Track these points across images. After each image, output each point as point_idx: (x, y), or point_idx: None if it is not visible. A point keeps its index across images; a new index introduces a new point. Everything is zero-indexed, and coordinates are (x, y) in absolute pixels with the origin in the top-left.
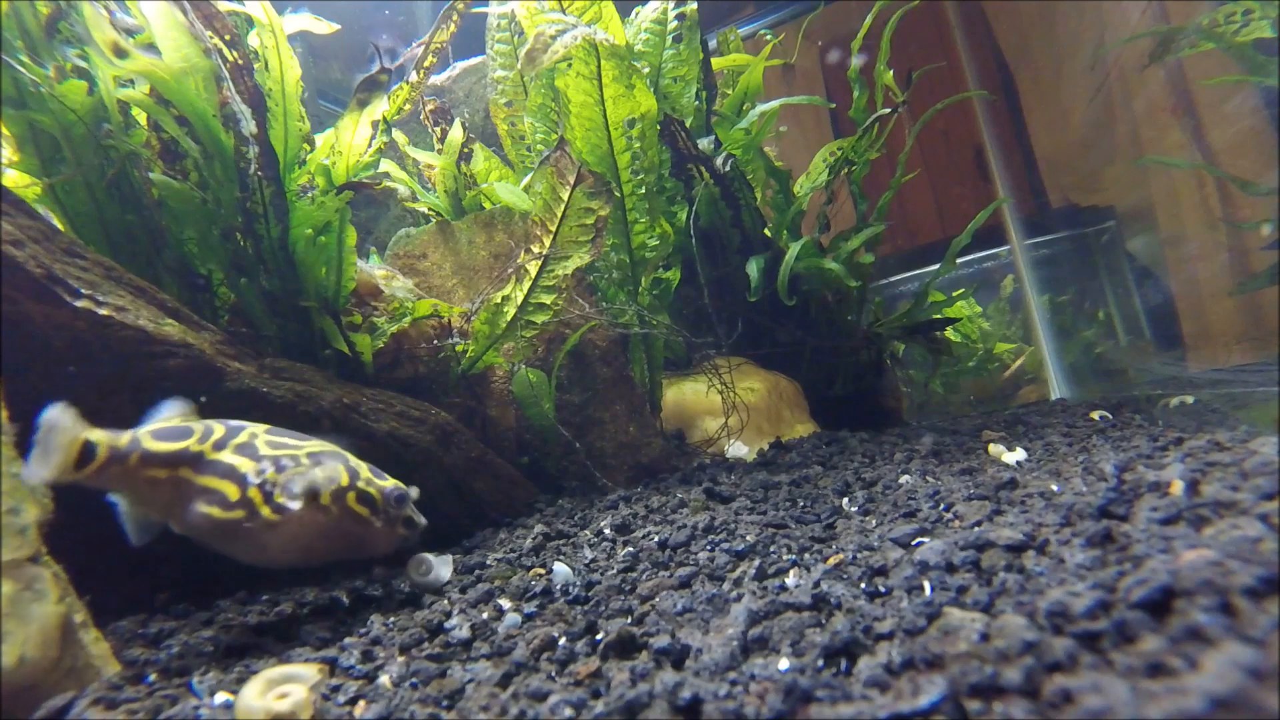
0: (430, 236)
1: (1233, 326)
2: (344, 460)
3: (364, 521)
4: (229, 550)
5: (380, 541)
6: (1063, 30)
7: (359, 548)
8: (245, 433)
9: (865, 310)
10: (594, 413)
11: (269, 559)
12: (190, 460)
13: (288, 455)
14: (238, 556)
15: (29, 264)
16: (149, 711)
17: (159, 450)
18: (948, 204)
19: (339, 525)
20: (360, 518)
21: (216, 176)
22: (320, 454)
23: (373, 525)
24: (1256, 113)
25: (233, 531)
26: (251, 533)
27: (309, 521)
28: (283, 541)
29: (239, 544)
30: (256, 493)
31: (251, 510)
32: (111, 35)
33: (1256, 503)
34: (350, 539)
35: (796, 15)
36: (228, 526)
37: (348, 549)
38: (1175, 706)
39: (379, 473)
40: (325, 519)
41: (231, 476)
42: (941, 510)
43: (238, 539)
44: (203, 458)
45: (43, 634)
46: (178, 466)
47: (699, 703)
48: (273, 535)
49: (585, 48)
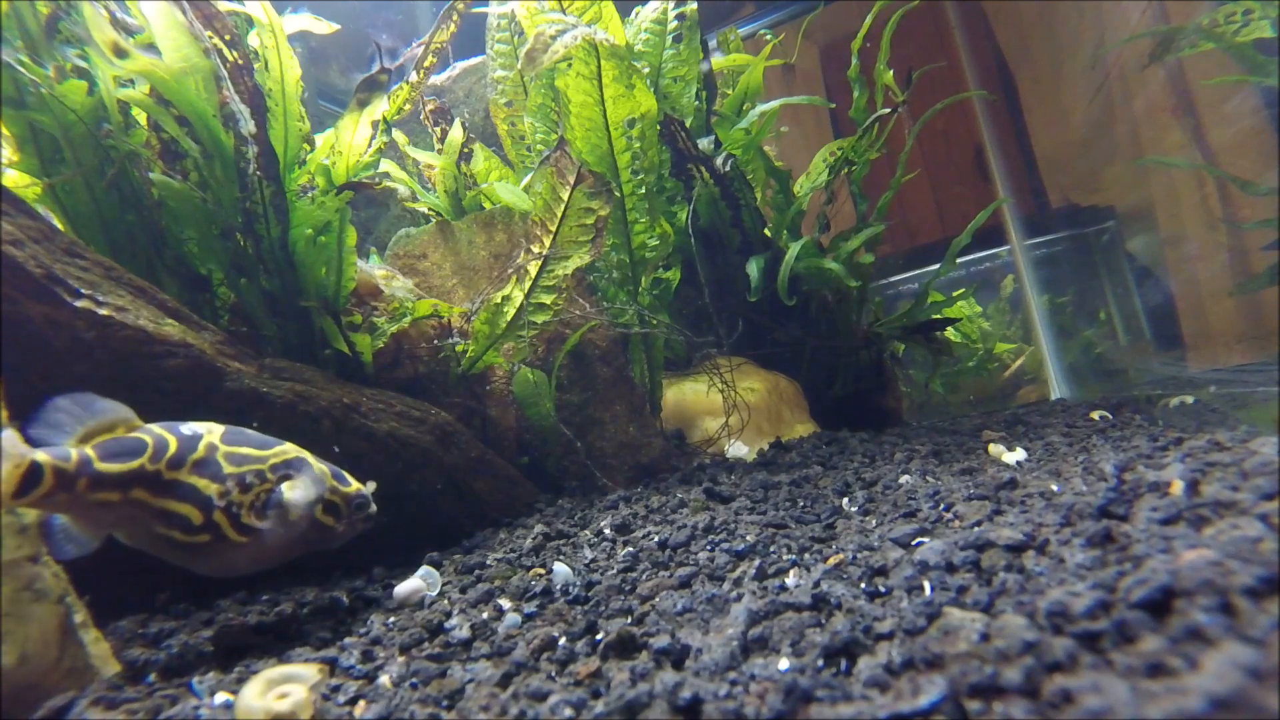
0: (430, 236)
1: (1233, 326)
2: (309, 469)
3: (328, 529)
4: (186, 564)
5: (339, 539)
6: (1063, 30)
7: (317, 546)
8: (202, 444)
9: (865, 310)
10: (594, 413)
11: (228, 571)
12: (146, 481)
13: (251, 471)
14: (194, 569)
15: (29, 264)
16: (149, 711)
17: (111, 472)
18: (948, 204)
19: (304, 535)
20: (325, 526)
21: (216, 176)
22: (284, 464)
23: (335, 530)
24: (1256, 113)
25: (194, 551)
26: (215, 551)
27: (275, 536)
28: (247, 556)
29: (199, 560)
30: (222, 516)
31: (217, 534)
32: (111, 35)
33: (1256, 503)
34: (311, 543)
35: (796, 15)
36: (190, 548)
37: (306, 549)
38: (1175, 706)
39: (340, 475)
40: (292, 533)
41: (194, 500)
42: (941, 510)
43: (198, 557)
44: (160, 478)
45: (43, 634)
46: (131, 488)
47: (699, 703)
48: (237, 553)
49: (585, 48)
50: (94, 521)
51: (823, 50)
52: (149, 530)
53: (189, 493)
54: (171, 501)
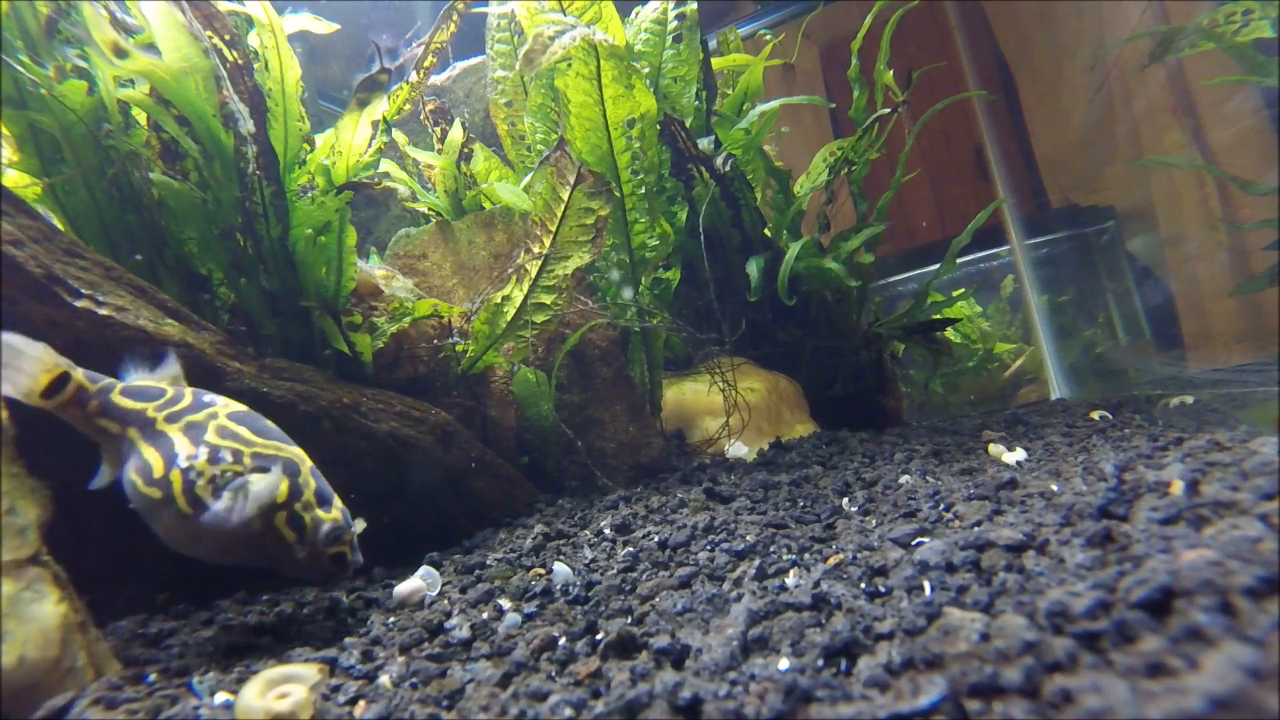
0: (430, 236)
1: (1233, 326)
2: (293, 473)
3: (286, 545)
4: (152, 527)
5: (301, 568)
6: (1063, 30)
7: (277, 565)
8: (205, 412)
9: (865, 310)
10: (594, 413)
11: (169, 541)
12: (142, 424)
13: (230, 449)
14: (159, 536)
15: (29, 264)
16: (149, 711)
17: (119, 405)
18: (948, 204)
19: (257, 539)
20: (283, 540)
21: (216, 176)
22: (271, 458)
23: (294, 551)
24: (1256, 113)
25: (149, 510)
26: (158, 512)
27: (220, 521)
28: (186, 532)
29: (155, 523)
30: (178, 477)
31: (167, 494)
32: (111, 35)
33: (1256, 503)
34: (268, 555)
35: (796, 15)
36: (144, 502)
37: (265, 562)
38: (1175, 706)
39: (327, 497)
40: (240, 527)
41: (164, 451)
42: (941, 510)
43: (153, 518)
44: (153, 425)
45: (43, 634)
46: (128, 426)
47: (699, 703)
48: (179, 524)
49: (585, 48)
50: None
51: (823, 50)
52: (125, 475)
53: (165, 445)
54: (150, 450)
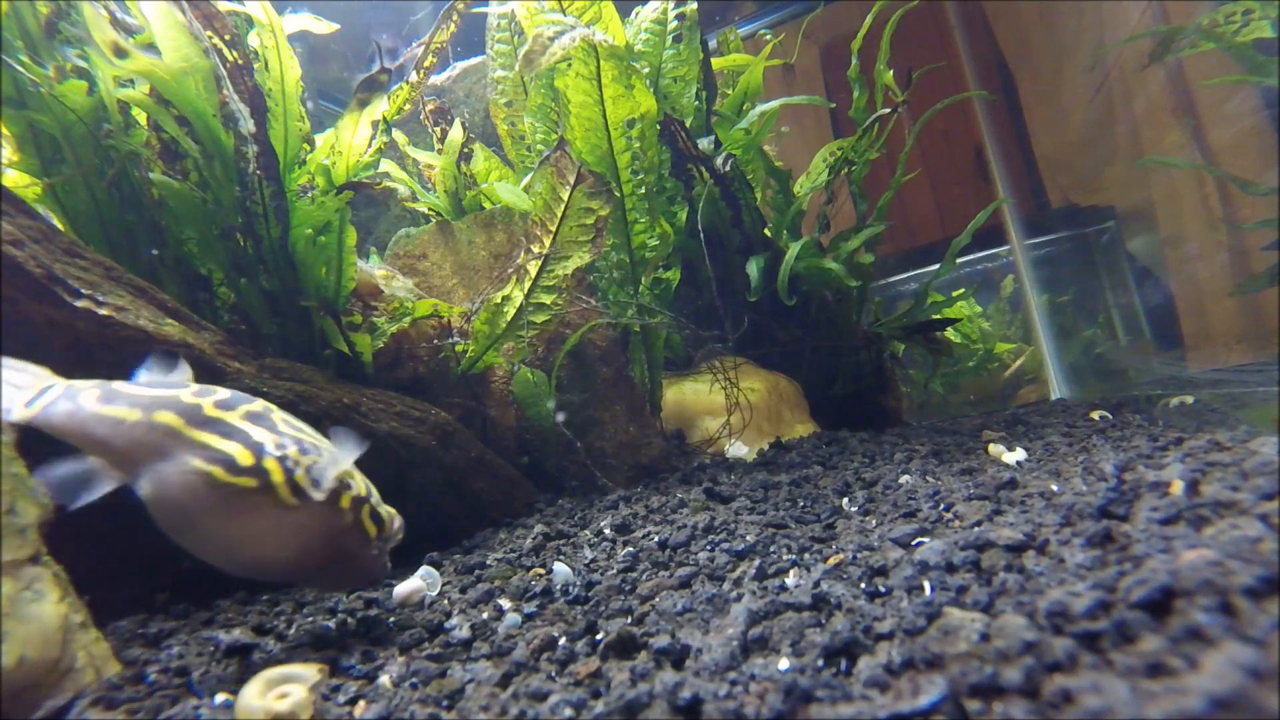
0: (430, 236)
1: (1233, 326)
2: (357, 473)
3: (368, 541)
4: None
5: (369, 569)
6: (1063, 30)
7: (348, 568)
8: (258, 403)
9: (865, 310)
10: (594, 413)
11: (264, 546)
12: (179, 408)
13: (309, 440)
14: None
15: (29, 264)
16: (149, 711)
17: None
18: (948, 204)
19: (346, 536)
20: (367, 537)
21: (216, 176)
22: (334, 452)
23: (371, 548)
24: (1256, 113)
25: (233, 501)
26: (258, 506)
27: (322, 520)
28: (293, 529)
29: (233, 516)
30: (275, 465)
31: (265, 482)
32: (111, 35)
33: (1256, 503)
34: (347, 556)
35: (796, 15)
36: (230, 496)
37: (338, 567)
38: (1175, 706)
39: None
40: (339, 523)
41: (242, 439)
42: (941, 510)
43: (233, 512)
44: (199, 411)
45: (43, 634)
46: (155, 410)
47: (699, 703)
48: (284, 520)
49: (584, 48)
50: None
51: (823, 50)
52: (181, 467)
53: (238, 434)
54: (214, 436)
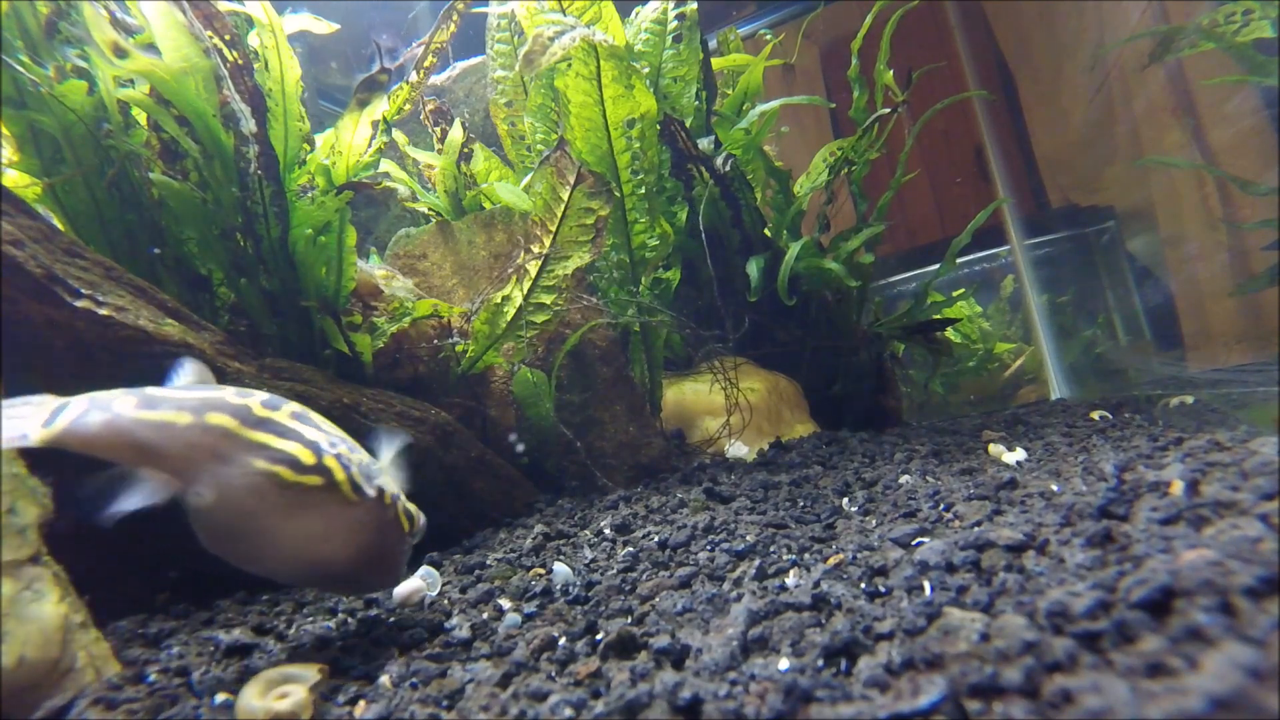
0: (430, 236)
1: (1233, 326)
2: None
3: (403, 537)
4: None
5: (400, 564)
6: (1063, 30)
7: (389, 566)
8: (294, 403)
9: (865, 310)
10: (594, 413)
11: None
12: (232, 410)
13: (346, 441)
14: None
15: (29, 264)
16: (149, 711)
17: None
18: (948, 204)
19: (391, 532)
20: (403, 532)
21: (216, 176)
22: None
23: (405, 545)
24: (1256, 113)
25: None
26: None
27: (377, 516)
28: (350, 531)
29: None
30: (334, 462)
31: (330, 480)
32: (111, 35)
33: (1256, 503)
34: (390, 553)
35: (796, 15)
36: (295, 497)
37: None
38: (1175, 706)
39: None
40: (384, 518)
41: (298, 438)
42: (941, 510)
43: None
44: (250, 411)
45: (43, 634)
46: (207, 412)
47: (699, 703)
48: (347, 517)
49: (584, 48)
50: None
51: (823, 50)
52: (247, 468)
53: (292, 433)
54: (270, 436)
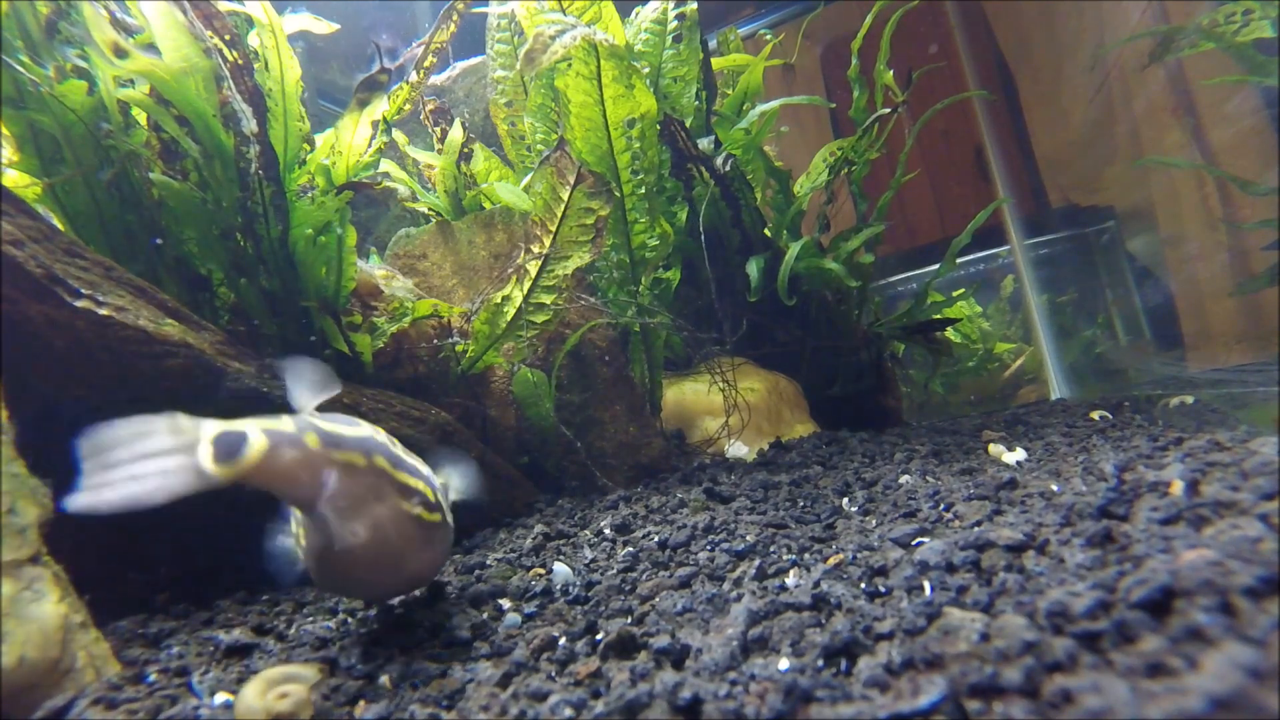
0: (430, 236)
1: (1233, 326)
2: None
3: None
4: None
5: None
6: (1063, 30)
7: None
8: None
9: (865, 310)
10: (594, 413)
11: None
12: (387, 453)
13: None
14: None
15: (29, 264)
16: (149, 711)
17: (341, 433)
18: (948, 204)
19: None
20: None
21: (216, 176)
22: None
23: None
24: (1256, 113)
25: (428, 536)
26: (438, 537)
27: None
28: (440, 553)
29: (424, 550)
30: (440, 496)
31: (444, 515)
32: (111, 35)
33: (1256, 503)
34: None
35: (796, 15)
36: (427, 531)
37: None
38: (1175, 706)
39: None
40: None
41: (421, 477)
42: (941, 510)
43: (426, 545)
44: (394, 452)
45: (43, 634)
46: (373, 454)
47: (699, 703)
48: (446, 539)
49: (585, 48)
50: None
51: (823, 50)
52: (392, 509)
53: (416, 472)
54: (404, 475)
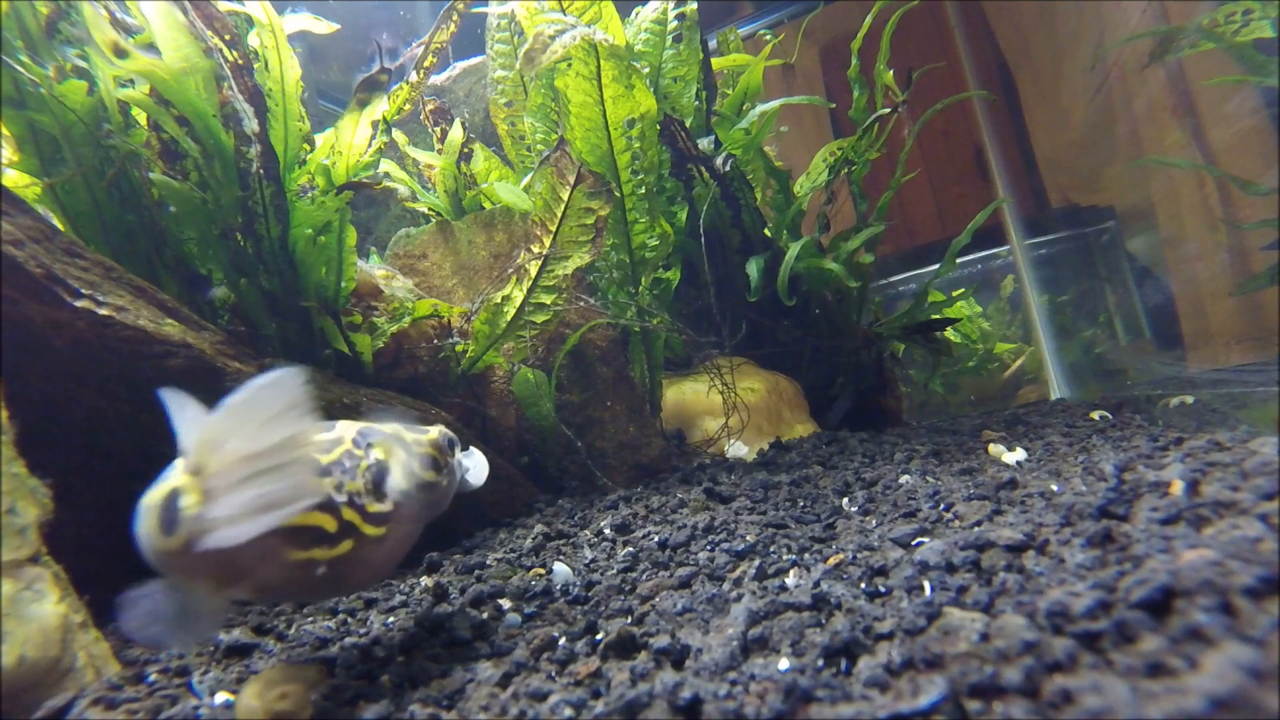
0: (430, 236)
1: (1233, 326)
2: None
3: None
4: (332, 593)
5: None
6: (1063, 30)
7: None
8: None
9: (865, 310)
10: (594, 413)
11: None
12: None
13: (344, 453)
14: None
15: (29, 264)
16: (149, 711)
17: None
18: (948, 204)
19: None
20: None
21: (216, 176)
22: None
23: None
24: (1256, 113)
25: (342, 568)
26: (360, 559)
27: (405, 514)
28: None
29: (346, 579)
30: (353, 513)
31: (356, 535)
32: (111, 35)
33: (1256, 503)
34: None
35: (796, 15)
36: (336, 565)
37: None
38: (1175, 706)
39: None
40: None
41: (318, 505)
42: (941, 510)
43: (346, 574)
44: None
45: (43, 634)
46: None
47: (699, 703)
48: (379, 550)
49: (585, 48)
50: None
51: (823, 50)
52: (282, 561)
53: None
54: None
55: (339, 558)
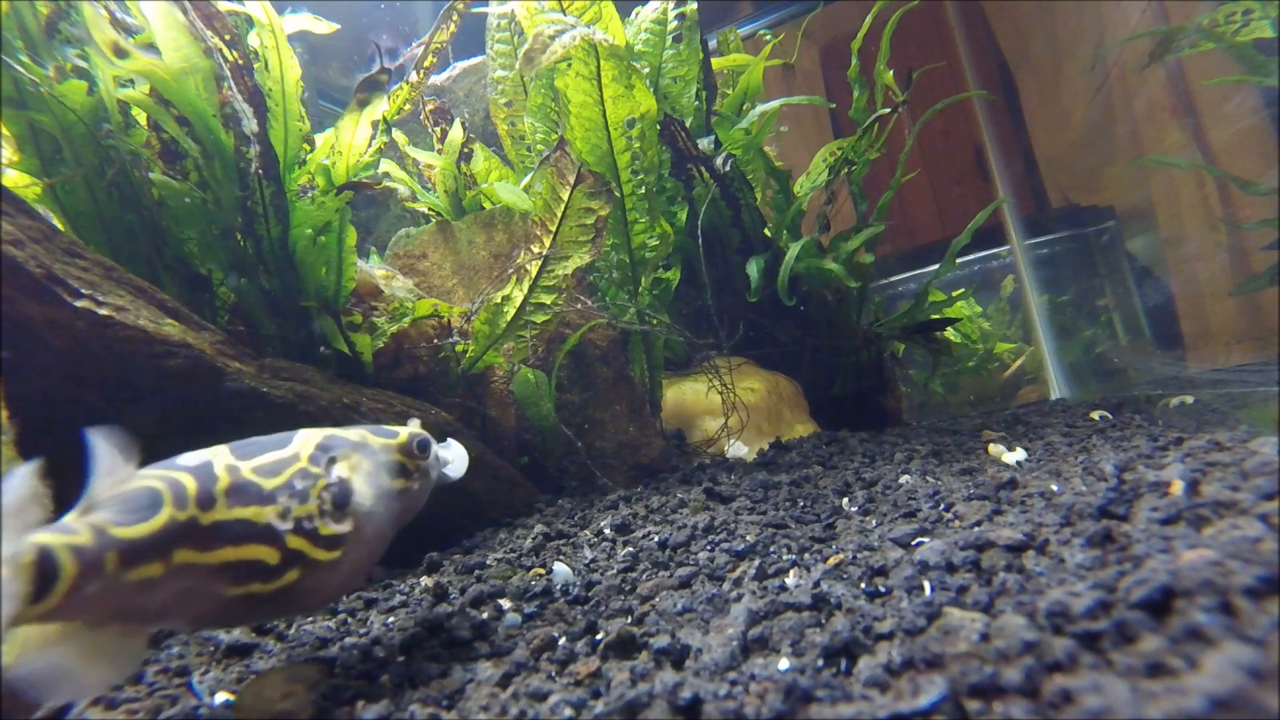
0: (430, 236)
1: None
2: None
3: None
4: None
5: (421, 497)
6: (1063, 30)
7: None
8: (218, 469)
9: (865, 310)
10: (594, 413)
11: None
12: (186, 536)
13: (296, 473)
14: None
15: (29, 264)
16: (149, 711)
17: (139, 536)
18: (948, 204)
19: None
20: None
21: (216, 176)
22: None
23: (413, 490)
24: (1256, 113)
25: (288, 596)
26: (311, 586)
27: (366, 532)
28: (348, 570)
29: (296, 604)
30: (299, 540)
31: (304, 562)
32: (111, 35)
33: (1256, 503)
34: (403, 516)
35: (796, 15)
36: (281, 596)
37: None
38: (1175, 706)
39: (380, 429)
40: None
41: (253, 536)
42: (941, 510)
43: (294, 601)
44: (198, 525)
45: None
46: (171, 551)
47: (699, 703)
48: (335, 573)
49: (585, 48)
50: (137, 613)
51: (823, 50)
52: (216, 598)
53: (243, 530)
54: (227, 549)
55: (284, 588)
